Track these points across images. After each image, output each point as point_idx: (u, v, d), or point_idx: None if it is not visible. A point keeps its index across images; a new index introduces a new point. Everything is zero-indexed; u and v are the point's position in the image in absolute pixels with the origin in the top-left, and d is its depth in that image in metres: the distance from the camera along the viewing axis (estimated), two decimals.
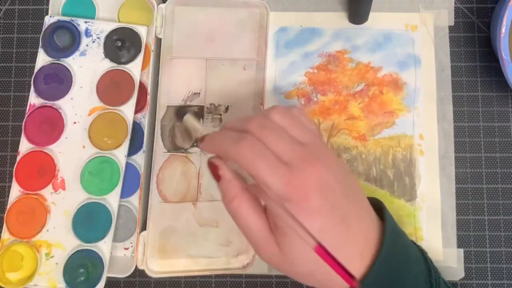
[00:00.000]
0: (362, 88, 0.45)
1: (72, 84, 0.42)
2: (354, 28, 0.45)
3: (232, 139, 0.30)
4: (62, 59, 0.43)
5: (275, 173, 0.28)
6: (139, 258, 0.40)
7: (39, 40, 0.43)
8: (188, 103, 0.44)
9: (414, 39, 0.45)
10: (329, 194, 0.29)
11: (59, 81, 0.42)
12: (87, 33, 0.43)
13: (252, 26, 0.45)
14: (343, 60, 0.45)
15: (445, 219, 0.42)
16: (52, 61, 0.43)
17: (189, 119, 0.40)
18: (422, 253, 0.34)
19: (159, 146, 0.43)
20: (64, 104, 0.42)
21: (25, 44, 0.46)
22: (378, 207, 0.34)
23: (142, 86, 0.43)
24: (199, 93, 0.44)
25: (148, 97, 0.43)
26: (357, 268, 0.29)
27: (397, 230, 0.33)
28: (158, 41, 0.44)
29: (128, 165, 0.42)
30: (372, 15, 0.45)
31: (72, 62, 0.43)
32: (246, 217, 0.30)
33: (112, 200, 0.41)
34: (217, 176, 0.31)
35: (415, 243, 0.34)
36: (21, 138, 0.41)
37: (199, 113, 0.44)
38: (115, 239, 0.41)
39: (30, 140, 0.41)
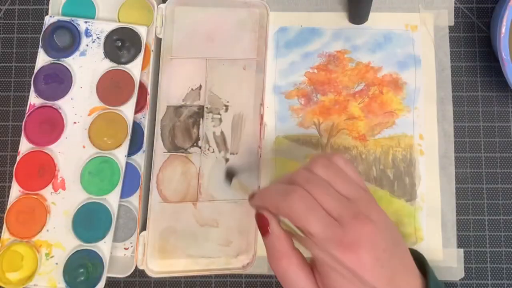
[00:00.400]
0: (362, 88, 0.45)
1: (72, 84, 0.42)
2: (354, 28, 0.45)
3: (281, 193, 0.30)
4: (62, 59, 0.43)
5: (325, 227, 0.28)
6: (139, 258, 0.40)
7: (39, 40, 0.43)
8: (188, 103, 0.44)
9: (414, 39, 0.45)
10: (379, 254, 0.29)
11: (59, 81, 0.42)
12: (87, 33, 0.43)
13: (252, 26, 0.45)
14: (343, 60, 0.45)
15: (445, 219, 0.42)
16: (52, 61, 0.43)
17: (237, 184, 0.40)
18: None
19: (159, 146, 0.43)
20: (64, 104, 0.42)
21: (25, 44, 0.46)
22: (417, 258, 0.33)
23: (142, 86, 0.43)
24: (199, 93, 0.44)
25: (148, 97, 0.43)
26: None
27: (438, 285, 0.32)
28: (158, 41, 0.44)
29: (128, 165, 0.42)
30: (372, 15, 0.45)
31: (72, 62, 0.43)
32: (295, 279, 0.30)
33: (112, 200, 0.41)
34: (265, 231, 0.30)
35: None
36: (21, 138, 0.41)
37: (199, 113, 0.44)
38: (115, 239, 0.41)
39: (30, 140, 0.41)
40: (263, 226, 0.30)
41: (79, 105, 0.42)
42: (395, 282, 0.29)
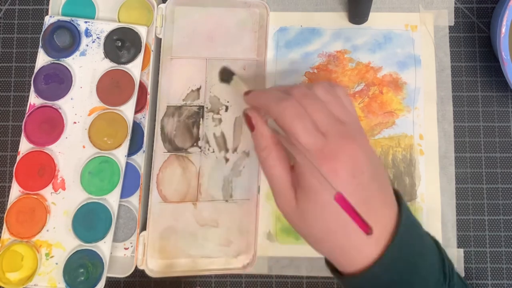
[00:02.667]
0: (362, 88, 0.45)
1: (72, 84, 0.42)
2: (354, 28, 0.45)
3: (276, 97, 0.32)
4: (62, 59, 0.43)
5: (310, 136, 0.30)
6: (139, 258, 0.40)
7: (39, 40, 0.43)
8: (188, 103, 0.44)
9: (414, 39, 0.45)
10: (357, 173, 0.30)
11: (59, 81, 0.42)
12: (87, 33, 0.43)
13: (252, 26, 0.45)
14: (343, 60, 0.45)
15: (445, 219, 0.42)
16: (52, 61, 0.43)
17: (238, 80, 0.39)
18: (437, 244, 0.34)
19: (159, 146, 0.43)
20: (64, 104, 0.42)
21: (25, 44, 0.46)
22: (396, 195, 0.34)
23: (142, 86, 0.43)
24: (199, 93, 0.44)
25: (148, 97, 0.43)
26: (371, 252, 0.30)
27: (412, 220, 0.33)
28: (158, 41, 0.44)
29: (128, 165, 0.42)
30: (372, 15, 0.45)
31: (72, 62, 0.43)
32: (272, 166, 0.32)
33: (112, 200, 0.41)
34: (251, 126, 0.33)
35: (429, 234, 0.35)
36: (21, 138, 0.41)
37: (199, 113, 0.44)
38: (115, 239, 0.41)
39: (30, 140, 0.41)
40: (249, 122, 0.34)
41: (79, 105, 0.42)
42: (370, 205, 0.30)
